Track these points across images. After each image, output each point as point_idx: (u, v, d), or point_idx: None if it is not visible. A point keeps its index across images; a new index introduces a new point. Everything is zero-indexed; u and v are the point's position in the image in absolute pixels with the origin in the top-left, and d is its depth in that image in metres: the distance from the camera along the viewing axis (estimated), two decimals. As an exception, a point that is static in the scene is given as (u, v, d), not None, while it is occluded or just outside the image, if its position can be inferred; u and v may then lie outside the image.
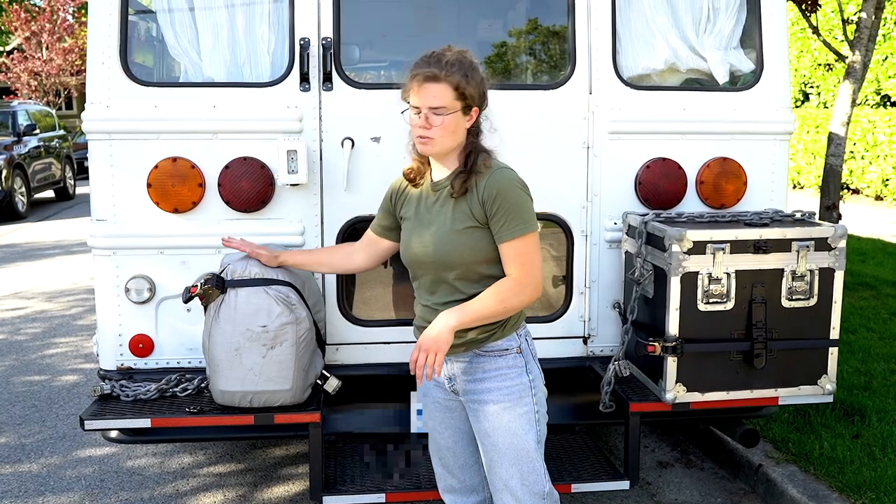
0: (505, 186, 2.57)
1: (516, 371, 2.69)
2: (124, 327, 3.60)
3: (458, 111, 2.57)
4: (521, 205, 2.58)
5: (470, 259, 2.61)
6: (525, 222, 2.57)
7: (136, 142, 3.50)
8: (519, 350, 2.71)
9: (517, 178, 2.62)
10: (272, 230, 3.59)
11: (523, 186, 2.62)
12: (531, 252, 2.59)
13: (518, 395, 2.67)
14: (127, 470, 4.56)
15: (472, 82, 2.57)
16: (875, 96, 15.63)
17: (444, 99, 2.54)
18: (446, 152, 2.64)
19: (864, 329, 6.42)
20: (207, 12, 3.58)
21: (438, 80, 2.53)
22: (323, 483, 3.38)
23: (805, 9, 7.69)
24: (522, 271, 2.58)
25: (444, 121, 2.55)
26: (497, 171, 2.61)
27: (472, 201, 2.60)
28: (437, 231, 2.65)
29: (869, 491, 3.85)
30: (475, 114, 2.63)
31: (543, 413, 2.74)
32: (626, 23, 3.75)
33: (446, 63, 2.55)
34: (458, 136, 2.61)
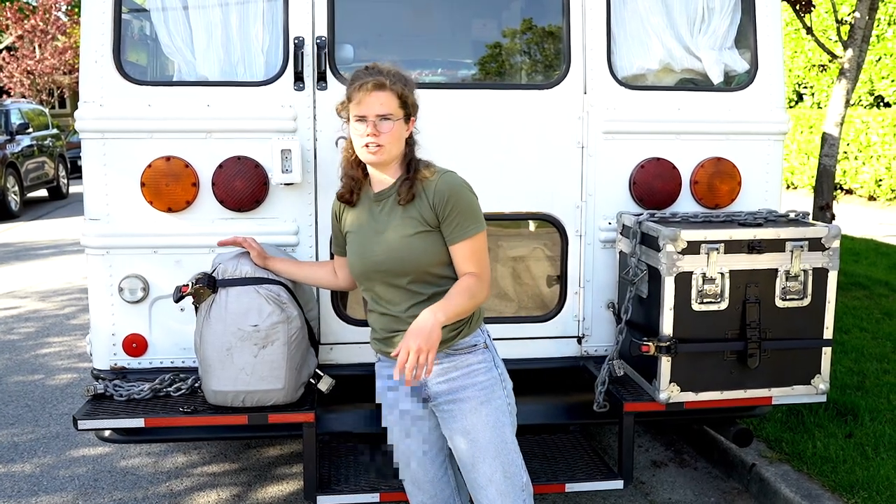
0: (456, 190, 2.65)
1: (486, 366, 2.74)
2: (118, 327, 3.59)
3: (401, 119, 2.65)
4: (472, 206, 2.67)
5: (424, 262, 2.66)
6: (477, 222, 2.66)
7: (130, 141, 3.49)
8: (485, 345, 2.77)
9: (463, 180, 2.71)
10: (266, 230, 3.58)
11: (470, 189, 2.71)
12: (484, 249, 2.69)
13: (491, 388, 2.72)
14: (120, 470, 4.54)
15: (411, 92, 2.68)
16: (869, 97, 15.67)
17: (390, 106, 2.62)
18: (392, 160, 2.69)
19: (857, 329, 6.44)
20: (201, 11, 3.57)
21: (384, 88, 2.61)
22: (317, 483, 3.37)
23: (799, 9, 7.70)
24: (480, 267, 2.66)
25: (393, 127, 2.62)
26: (444, 175, 2.69)
27: (421, 206, 2.66)
28: (387, 239, 2.69)
29: (861, 490, 3.86)
30: (412, 123, 2.73)
31: (513, 404, 2.81)
32: (620, 22, 3.75)
33: (388, 73, 2.64)
34: (401, 144, 2.69)
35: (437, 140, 3.63)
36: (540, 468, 3.55)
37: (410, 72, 2.76)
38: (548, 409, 3.83)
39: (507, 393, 2.78)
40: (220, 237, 3.53)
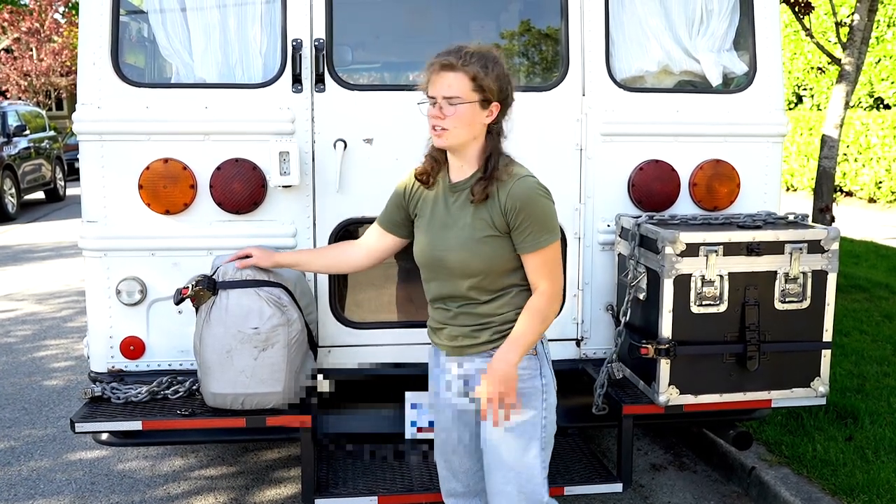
0: (530, 197, 2.51)
1: (530, 373, 2.62)
2: (115, 329, 3.58)
3: (474, 103, 2.49)
4: (546, 215, 2.53)
5: (489, 268, 2.55)
6: (549, 232, 2.53)
7: (128, 143, 3.48)
8: (534, 352, 2.64)
9: (540, 186, 2.55)
10: (264, 232, 3.57)
11: (546, 194, 2.55)
12: (556, 260, 2.56)
13: (528, 398, 2.60)
14: (118, 473, 4.53)
15: (490, 75, 2.48)
16: (868, 99, 15.68)
17: (459, 88, 2.47)
18: (461, 145, 2.56)
19: (856, 331, 6.44)
20: (199, 13, 3.56)
21: (454, 68, 2.47)
22: (315, 486, 3.36)
23: (798, 11, 7.70)
24: (551, 281, 2.55)
25: (458, 111, 2.48)
26: (520, 179, 2.53)
27: (493, 209, 2.53)
28: (455, 236, 2.58)
29: (862, 493, 3.85)
30: (495, 109, 2.54)
31: (552, 420, 2.67)
32: (619, 25, 3.75)
33: (465, 53, 2.48)
34: (473, 130, 2.53)
35: (436, 142, 3.63)
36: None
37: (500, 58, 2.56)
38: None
39: (546, 406, 2.65)
40: (218, 239, 3.54)
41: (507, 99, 2.56)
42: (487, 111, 2.52)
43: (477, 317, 2.61)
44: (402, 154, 3.62)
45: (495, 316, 2.60)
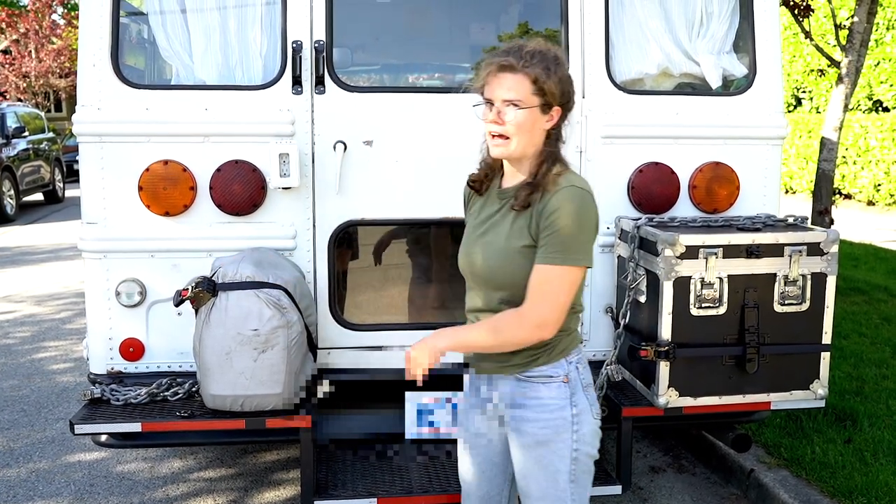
0: (565, 209, 2.26)
1: (559, 403, 2.39)
2: (115, 331, 3.58)
3: (535, 107, 2.29)
4: (573, 232, 2.26)
5: (519, 282, 2.32)
6: (566, 252, 2.25)
7: (127, 144, 3.48)
8: (566, 379, 2.40)
9: (585, 200, 2.29)
10: (263, 234, 3.57)
11: (586, 212, 2.28)
12: (555, 287, 2.26)
13: (556, 429, 2.39)
14: (117, 475, 4.53)
15: (553, 77, 2.29)
16: (867, 101, 15.69)
17: (519, 91, 2.28)
18: (522, 156, 2.36)
19: (855, 334, 6.44)
20: (199, 14, 3.56)
21: (514, 70, 2.28)
22: (314, 488, 3.36)
23: (798, 14, 7.71)
24: (533, 303, 2.28)
25: (518, 116, 2.29)
26: (566, 188, 2.29)
27: (532, 219, 2.31)
28: (490, 243, 2.40)
29: (860, 496, 3.85)
30: (556, 114, 2.34)
31: (586, 451, 2.42)
32: (619, 27, 3.75)
33: (526, 53, 2.29)
34: (534, 138, 2.33)
35: (436, 144, 3.63)
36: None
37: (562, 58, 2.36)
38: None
39: (579, 438, 2.39)
40: (218, 241, 3.54)
41: (569, 103, 2.37)
42: (548, 116, 2.34)
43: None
44: (401, 156, 3.62)
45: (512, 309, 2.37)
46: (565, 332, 2.38)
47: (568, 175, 2.34)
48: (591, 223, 2.31)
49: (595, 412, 2.44)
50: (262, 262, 3.32)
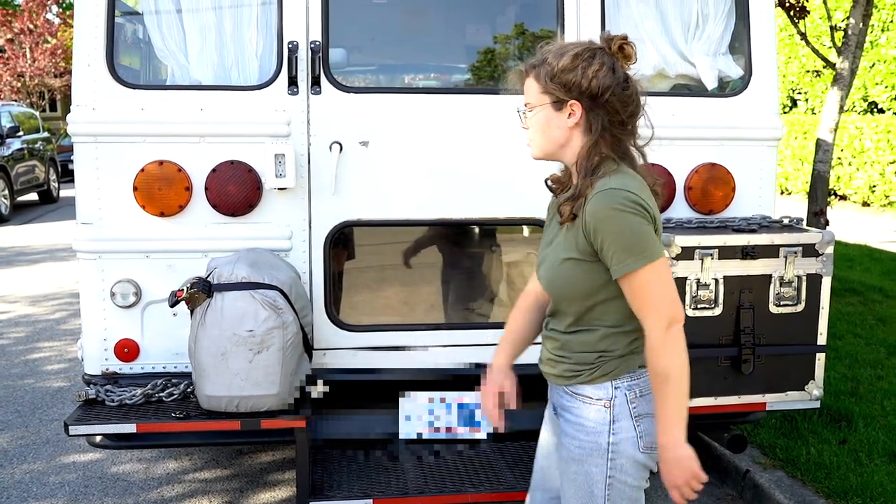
0: (604, 213, 2.11)
1: (596, 427, 2.24)
2: (109, 332, 3.57)
3: (545, 105, 2.20)
4: (626, 232, 2.10)
5: (566, 295, 2.25)
6: (634, 254, 2.09)
7: (123, 145, 3.47)
8: (608, 404, 2.24)
9: (622, 198, 2.11)
10: (259, 234, 3.57)
11: (628, 208, 2.10)
12: (653, 285, 2.12)
13: (589, 451, 2.26)
14: (111, 476, 4.51)
15: (555, 70, 2.16)
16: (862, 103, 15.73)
17: (530, 94, 2.23)
18: (548, 155, 2.28)
19: (851, 335, 6.45)
20: (195, 14, 3.56)
21: (526, 74, 2.24)
22: (310, 489, 3.35)
23: (793, 15, 7.72)
24: (653, 314, 2.12)
25: (533, 118, 2.24)
26: (598, 193, 2.13)
27: (578, 230, 2.18)
28: (549, 255, 2.31)
29: (855, 496, 3.85)
30: (576, 108, 2.17)
31: (623, 480, 2.26)
32: (615, 28, 3.75)
33: (538, 53, 2.23)
34: (553, 136, 2.22)
35: (432, 145, 3.63)
36: (534, 474, 3.54)
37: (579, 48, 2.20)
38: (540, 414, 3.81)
39: (615, 467, 2.24)
40: (214, 241, 3.54)
41: (598, 96, 2.16)
42: (565, 112, 2.19)
43: (558, 344, 2.33)
44: (397, 157, 3.62)
45: (573, 352, 2.28)
46: (610, 353, 2.24)
47: (608, 178, 2.16)
48: (638, 218, 2.11)
49: (643, 445, 2.25)
50: (257, 263, 3.32)
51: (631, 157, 2.25)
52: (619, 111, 2.19)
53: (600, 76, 2.16)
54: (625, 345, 2.25)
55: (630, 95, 2.21)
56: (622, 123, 2.21)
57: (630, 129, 2.24)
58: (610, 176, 2.16)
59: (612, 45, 2.21)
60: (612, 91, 2.17)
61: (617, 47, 2.21)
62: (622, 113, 2.19)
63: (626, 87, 2.20)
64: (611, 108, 2.17)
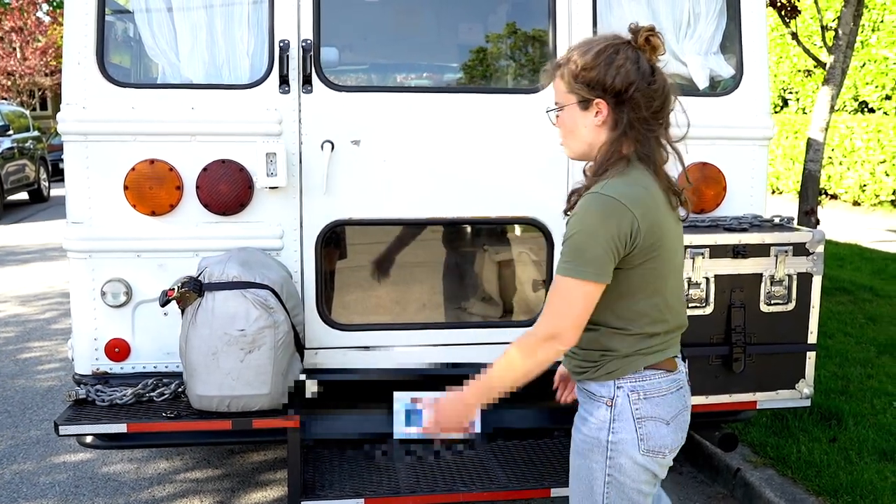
0: (577, 214, 2.13)
1: (597, 424, 2.24)
2: (100, 331, 3.56)
3: (572, 105, 2.19)
4: (577, 238, 2.10)
5: None
6: (573, 262, 2.09)
7: (113, 143, 3.46)
8: (609, 402, 2.23)
9: (602, 207, 2.09)
10: (250, 233, 3.56)
11: (598, 218, 2.08)
12: (562, 299, 2.12)
13: (590, 447, 2.26)
14: (102, 476, 4.50)
15: (577, 68, 2.15)
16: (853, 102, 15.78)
17: (558, 94, 2.23)
18: (581, 155, 2.27)
19: (841, 334, 6.47)
20: (186, 12, 3.55)
21: (552, 74, 2.24)
22: (302, 488, 3.35)
23: (784, 15, 7.75)
24: (543, 314, 2.16)
25: (561, 119, 2.24)
26: (588, 195, 2.14)
27: None
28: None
29: (845, 494, 3.87)
30: (602, 107, 2.15)
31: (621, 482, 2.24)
32: (606, 27, 3.75)
33: (565, 54, 2.22)
34: (582, 135, 2.21)
35: (423, 144, 3.63)
36: (526, 472, 3.55)
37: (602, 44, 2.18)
38: (533, 413, 3.83)
39: (614, 466, 2.22)
40: (205, 241, 3.53)
41: (622, 93, 2.13)
42: (591, 111, 2.17)
43: None
44: (389, 156, 3.62)
45: (581, 349, 2.27)
46: (614, 353, 2.22)
47: (608, 180, 2.14)
48: (603, 233, 2.08)
49: (644, 448, 2.21)
50: (248, 262, 3.31)
51: (654, 159, 2.21)
52: (644, 106, 2.15)
53: (623, 72, 2.13)
54: (628, 345, 2.24)
55: (656, 90, 2.17)
56: (647, 120, 2.18)
57: (656, 126, 2.20)
58: (611, 179, 2.14)
59: (639, 37, 2.18)
60: (637, 87, 2.13)
61: (643, 40, 2.17)
62: (646, 108, 2.16)
63: (651, 82, 2.16)
64: (635, 104, 2.14)
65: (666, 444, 2.24)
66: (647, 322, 2.22)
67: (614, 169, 2.16)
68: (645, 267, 2.16)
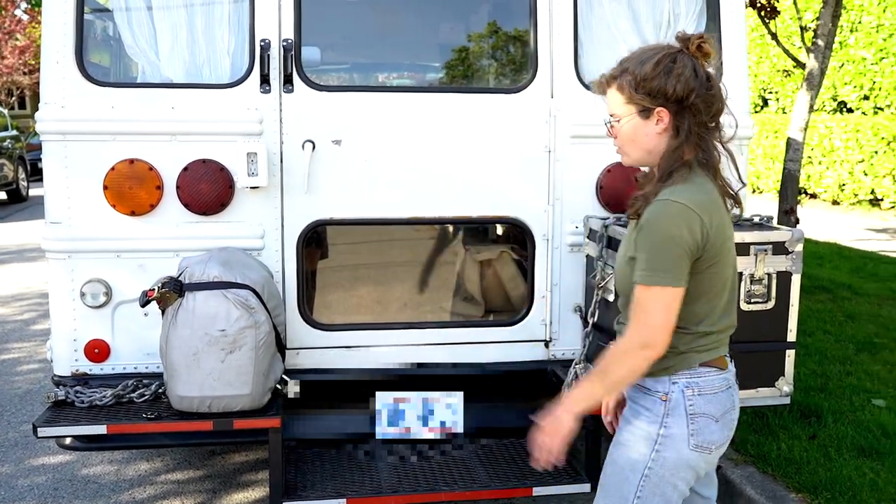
0: (650, 222, 2.17)
1: (649, 417, 2.29)
2: (79, 332, 3.53)
3: (632, 115, 2.23)
4: (655, 248, 2.15)
5: (625, 291, 2.33)
6: (652, 270, 2.15)
7: (92, 143, 3.44)
8: (664, 397, 2.28)
9: (674, 213, 2.14)
10: (232, 233, 3.55)
11: (672, 225, 2.14)
12: (647, 307, 2.17)
13: (637, 438, 2.31)
14: (82, 478, 4.46)
15: (637, 79, 2.19)
16: (832, 102, 15.91)
17: (614, 105, 2.27)
18: (638, 163, 2.33)
19: (820, 331, 6.52)
20: (166, 11, 3.53)
21: (608, 85, 2.28)
22: (283, 489, 3.34)
23: (764, 15, 7.80)
24: (631, 324, 2.21)
25: (620, 130, 2.27)
26: (657, 202, 2.18)
27: (638, 230, 2.25)
28: (621, 250, 2.40)
29: (825, 491, 3.90)
30: (664, 115, 2.20)
31: (661, 475, 2.28)
32: (587, 27, 3.77)
33: (619, 64, 2.26)
34: (644, 144, 2.25)
35: (405, 144, 3.63)
36: (508, 471, 3.55)
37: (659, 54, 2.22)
38: (515, 412, 3.83)
39: (658, 458, 2.27)
40: (186, 241, 3.51)
41: (683, 100, 2.18)
42: (653, 120, 2.22)
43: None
44: (370, 155, 3.61)
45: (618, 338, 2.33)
46: (670, 349, 2.23)
47: (675, 186, 2.18)
48: (678, 239, 2.13)
49: (694, 443, 2.26)
50: (229, 262, 3.29)
51: (712, 163, 2.25)
52: (703, 111, 2.21)
53: (683, 80, 2.18)
54: (685, 343, 2.27)
55: (714, 95, 2.23)
56: (706, 124, 2.23)
57: (713, 128, 2.26)
58: (679, 185, 2.19)
59: (691, 45, 2.23)
60: (697, 93, 2.19)
61: (695, 47, 2.23)
62: (706, 113, 2.21)
63: (710, 87, 2.22)
64: (696, 109, 2.20)
65: (714, 440, 2.29)
66: (706, 322, 2.27)
67: (679, 175, 2.20)
68: (710, 271, 2.22)
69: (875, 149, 14.11)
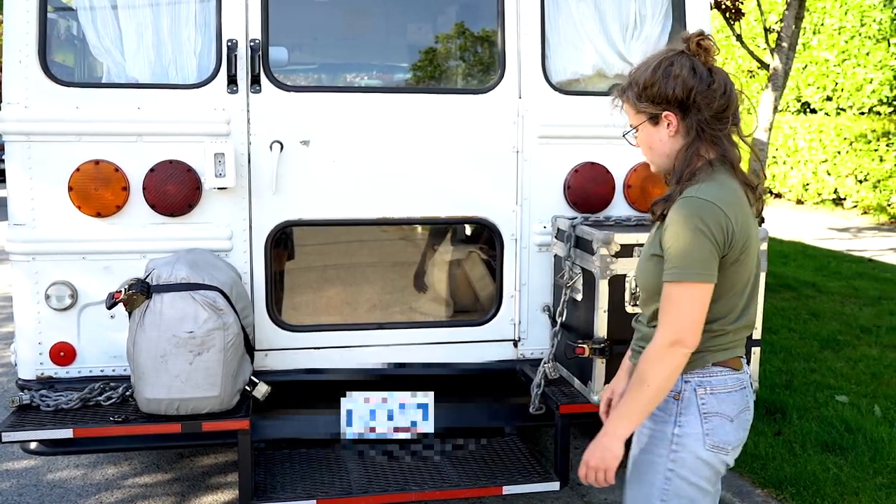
0: (676, 220, 2.17)
1: (663, 417, 2.29)
2: (44, 335, 3.49)
3: (643, 124, 2.29)
4: (682, 244, 2.15)
5: (646, 288, 2.34)
6: (681, 267, 2.15)
7: (57, 144, 3.40)
8: (677, 396, 2.27)
9: (700, 210, 2.15)
10: (199, 235, 3.53)
11: (698, 221, 2.14)
12: (678, 305, 2.17)
13: (654, 440, 2.31)
14: (48, 483, 4.41)
15: (644, 86, 2.24)
16: (796, 103, 16.15)
17: (629, 116, 2.32)
18: (664, 169, 2.34)
19: (785, 329, 6.62)
20: (131, 11, 3.50)
21: (619, 99, 2.34)
22: (253, 491, 3.32)
23: (729, 17, 7.90)
24: (661, 323, 2.20)
25: (639, 139, 2.33)
26: (681, 199, 2.19)
27: (663, 229, 2.25)
28: (644, 249, 2.40)
29: (790, 486, 3.96)
30: (672, 118, 2.23)
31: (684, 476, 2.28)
32: (555, 28, 3.80)
33: (628, 75, 2.31)
34: (661, 150, 2.29)
35: (373, 144, 3.63)
36: (478, 471, 3.57)
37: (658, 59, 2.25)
38: (484, 412, 3.86)
39: (676, 460, 2.27)
40: (152, 242, 3.48)
41: (685, 100, 2.21)
42: (663, 125, 2.26)
43: (640, 335, 2.41)
44: (339, 156, 3.61)
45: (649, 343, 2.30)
46: None
47: (697, 185, 2.20)
48: (703, 235, 2.13)
49: (709, 443, 2.26)
50: (197, 264, 3.28)
51: (731, 158, 2.25)
52: (704, 108, 2.22)
53: (681, 81, 2.20)
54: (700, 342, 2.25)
55: (716, 90, 2.22)
56: (714, 119, 2.23)
57: (725, 123, 2.25)
58: (703, 184, 2.20)
59: (691, 44, 2.25)
60: (696, 90, 2.20)
61: (695, 45, 2.24)
62: (709, 110, 2.22)
63: (710, 83, 2.22)
64: (698, 107, 2.21)
65: (729, 440, 2.28)
66: (722, 321, 2.27)
67: (702, 173, 2.22)
68: (734, 268, 2.22)
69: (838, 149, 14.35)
